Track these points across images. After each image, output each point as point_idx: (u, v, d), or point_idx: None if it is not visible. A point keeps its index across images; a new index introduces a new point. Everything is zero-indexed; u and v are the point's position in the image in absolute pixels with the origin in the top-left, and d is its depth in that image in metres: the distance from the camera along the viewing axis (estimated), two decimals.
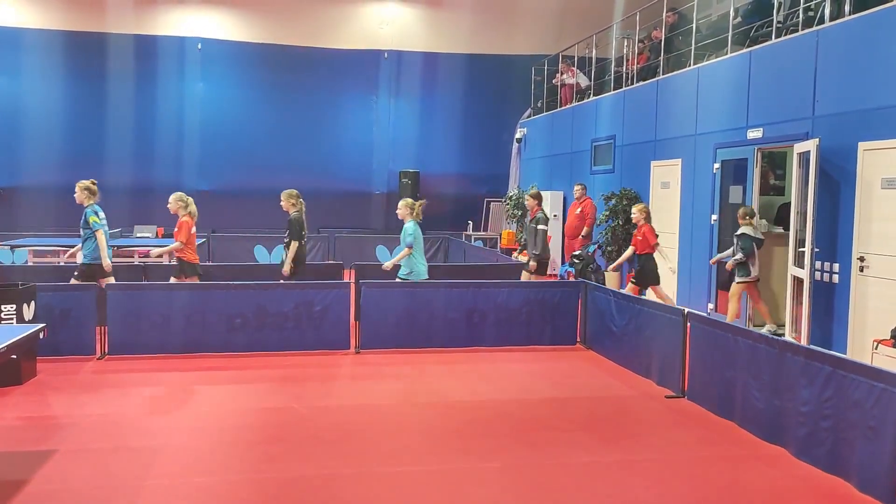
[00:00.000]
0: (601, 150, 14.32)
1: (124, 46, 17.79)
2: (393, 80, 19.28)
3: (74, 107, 17.76)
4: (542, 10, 19.11)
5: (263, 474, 4.93)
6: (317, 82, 18.78)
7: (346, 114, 19.23)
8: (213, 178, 18.24)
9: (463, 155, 19.55)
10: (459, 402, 6.70)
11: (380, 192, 19.28)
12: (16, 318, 6.80)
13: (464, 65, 19.30)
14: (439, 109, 19.46)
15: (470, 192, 19.40)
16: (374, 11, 19.18)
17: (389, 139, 19.37)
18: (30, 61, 17.67)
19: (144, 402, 6.56)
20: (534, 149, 18.24)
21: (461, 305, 8.88)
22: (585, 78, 16.33)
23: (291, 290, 8.61)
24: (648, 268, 9.56)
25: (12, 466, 4.91)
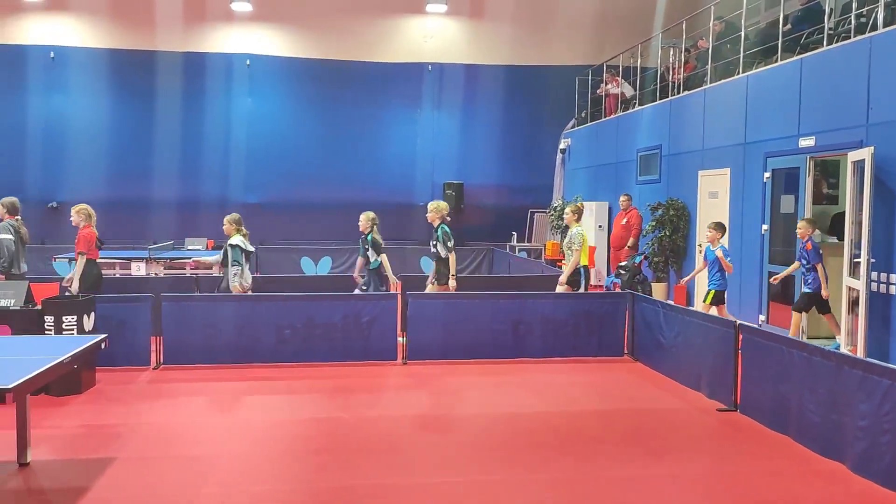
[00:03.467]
0: (647, 159, 14.21)
1: (173, 64, 18.24)
2: (436, 93, 19.42)
3: (125, 123, 18.24)
4: (585, 21, 19.06)
5: (314, 484, 5.00)
6: (361, 95, 19.01)
7: (389, 126, 19.41)
8: (260, 192, 18.57)
9: (506, 166, 19.56)
10: (506, 413, 6.69)
11: (423, 204, 19.29)
12: (76, 329, 7.02)
13: (506, 76, 19.35)
14: (482, 121, 19.52)
15: (513, 203, 19.39)
16: (418, 25, 19.36)
17: (433, 151, 19.49)
18: (82, 79, 18.22)
19: (199, 411, 6.71)
20: (578, 159, 18.17)
21: (507, 317, 8.87)
22: (630, 87, 16.23)
23: (339, 301, 8.72)
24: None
25: (75, 473, 5.07)
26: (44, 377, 4.34)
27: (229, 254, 8.71)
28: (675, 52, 14.13)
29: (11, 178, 17.49)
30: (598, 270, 15.48)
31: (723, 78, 11.88)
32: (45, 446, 5.51)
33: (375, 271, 9.51)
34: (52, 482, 4.95)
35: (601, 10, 18.82)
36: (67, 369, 4.92)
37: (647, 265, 13.03)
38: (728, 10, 12.45)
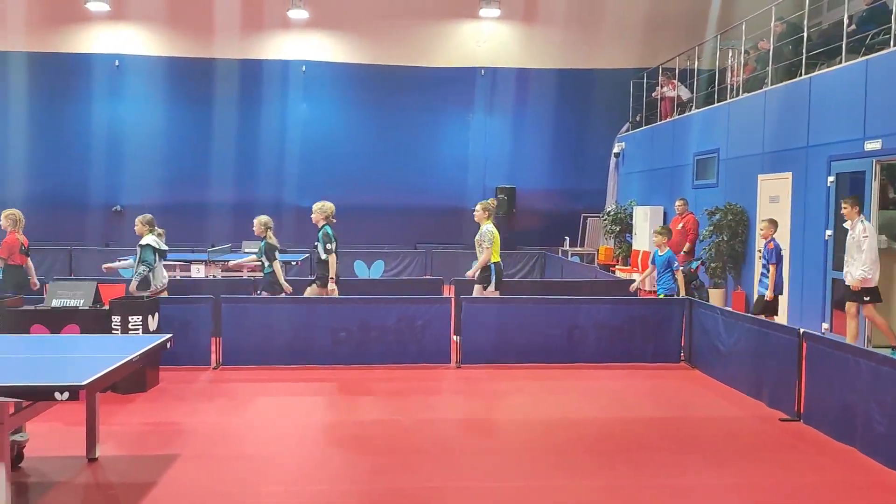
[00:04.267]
0: (704, 163, 13.96)
1: (231, 71, 18.64)
2: (489, 97, 19.42)
3: (184, 129, 18.70)
4: (639, 24, 18.84)
5: (372, 485, 5.05)
6: (414, 100, 19.13)
7: (442, 130, 19.50)
8: (313, 195, 18.61)
9: (559, 170, 19.45)
10: (560, 418, 6.65)
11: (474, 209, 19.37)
12: (142, 329, 7.23)
13: (560, 80, 19.25)
14: (535, 125, 19.45)
15: (566, 207, 19.26)
16: (472, 29, 19.41)
17: (485, 155, 19.50)
18: (145, 87, 18.75)
19: (257, 411, 6.84)
20: (632, 163, 17.96)
21: (561, 321, 8.82)
22: (687, 90, 15.98)
23: (394, 304, 8.79)
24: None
25: (141, 469, 5.22)
26: (113, 375, 4.48)
27: (139, 253, 8.74)
28: (734, 53, 13.86)
29: (77, 183, 18.16)
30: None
31: (784, 80, 11.61)
32: (112, 442, 5.69)
33: (268, 277, 9.38)
34: (119, 477, 5.11)
35: (656, 12, 18.58)
36: (135, 368, 5.07)
37: (703, 271, 12.80)
38: (790, 10, 12.16)
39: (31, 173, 17.95)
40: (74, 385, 3.99)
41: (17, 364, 4.81)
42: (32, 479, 5.02)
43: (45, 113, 18.29)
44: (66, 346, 5.53)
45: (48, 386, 4.01)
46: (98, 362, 4.53)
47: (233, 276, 12.74)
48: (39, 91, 18.21)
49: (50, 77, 18.24)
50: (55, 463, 5.29)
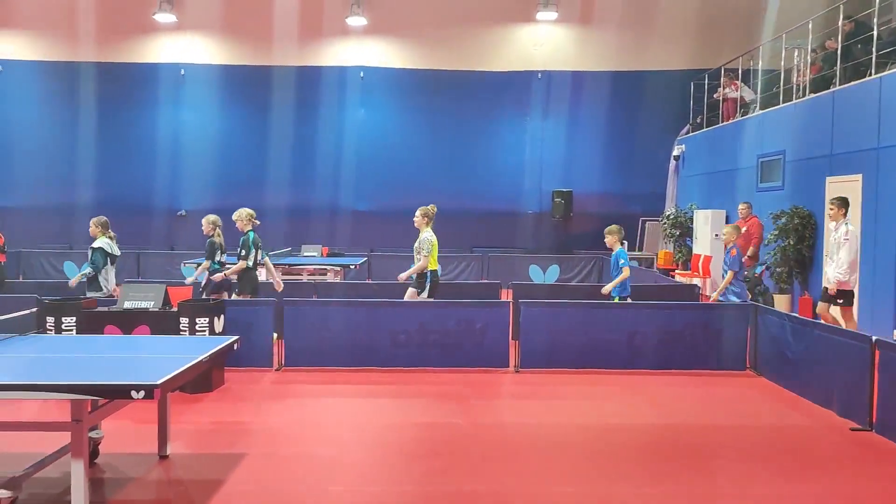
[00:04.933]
0: (768, 166, 13.63)
1: (290, 77, 18.97)
2: (546, 100, 19.33)
3: (245, 135, 19.11)
4: (701, 24, 18.51)
5: (433, 487, 5.08)
6: (471, 104, 19.17)
7: (498, 134, 19.48)
8: (370, 199, 19.05)
9: (617, 173, 19.23)
10: (622, 424, 6.58)
11: (532, 212, 19.33)
12: (208, 330, 7.43)
13: (617, 82, 19.03)
14: (592, 128, 19.27)
15: (624, 211, 18.99)
16: (529, 33, 19.36)
17: (542, 159, 19.41)
18: (208, 94, 19.24)
19: (319, 412, 6.95)
20: (693, 166, 17.64)
21: (620, 326, 8.72)
22: (750, 91, 15.63)
23: (453, 308, 8.83)
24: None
25: (210, 467, 5.36)
26: (185, 375, 4.61)
27: (89, 255, 8.84)
28: (801, 53, 13.50)
29: (143, 188, 18.73)
30: (715, 281, 14.96)
31: (853, 80, 11.26)
32: (182, 440, 5.86)
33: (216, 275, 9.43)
34: (189, 474, 5.25)
35: (716, 12, 18.22)
36: (203, 368, 5.21)
37: (768, 276, 12.49)
38: (859, 8, 11.79)
39: (100, 179, 18.58)
40: (150, 384, 4.12)
41: (93, 363, 4.99)
42: (108, 475, 5.20)
43: (112, 121, 18.93)
44: (138, 347, 5.71)
45: (125, 385, 4.15)
46: (170, 362, 4.67)
47: (294, 279, 12.96)
48: (108, 100, 18.85)
49: (118, 86, 18.87)
50: (129, 459, 5.47)
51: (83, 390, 4.14)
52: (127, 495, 4.88)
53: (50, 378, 4.34)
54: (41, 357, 5.04)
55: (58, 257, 17.04)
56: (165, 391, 4.34)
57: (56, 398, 4.16)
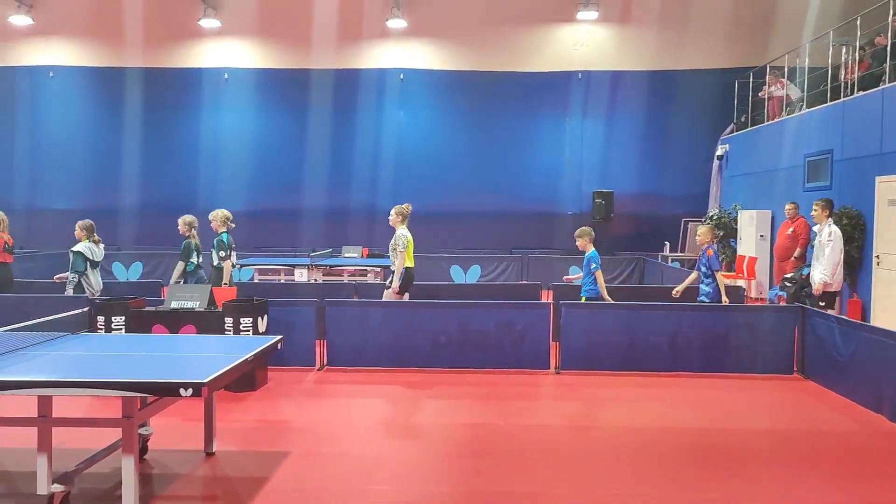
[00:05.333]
0: (815, 165, 13.34)
1: (330, 80, 19.15)
2: (586, 100, 19.19)
3: (287, 137, 19.31)
4: (746, 21, 18.20)
5: (474, 487, 5.09)
6: (511, 105, 19.13)
7: (538, 135, 19.40)
8: (410, 201, 19.01)
9: (658, 174, 19.01)
10: (665, 427, 6.51)
11: (572, 213, 19.20)
12: (252, 330, 7.54)
13: (659, 81, 18.82)
14: (633, 128, 19.08)
15: (666, 211, 18.80)
16: (569, 33, 19.25)
17: (582, 160, 19.28)
18: (249, 98, 19.52)
19: (362, 411, 7.00)
20: (737, 166, 17.35)
21: (663, 328, 8.63)
22: (796, 89, 15.32)
23: (493, 309, 8.83)
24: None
25: (255, 464, 5.45)
26: (231, 374, 4.69)
27: (70, 259, 8.93)
28: (849, 50, 13.19)
29: (186, 190, 19.04)
30: (760, 283, 14.71)
31: None
32: (227, 438, 5.96)
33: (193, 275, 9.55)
34: (235, 471, 5.34)
35: (761, 9, 17.89)
36: (248, 367, 5.30)
37: None
38: None
39: (145, 181, 18.97)
40: (197, 382, 4.21)
41: (142, 362, 5.10)
42: (156, 471, 5.31)
43: (157, 125, 19.32)
44: (184, 346, 5.83)
45: (174, 382, 4.24)
46: (216, 361, 4.75)
47: (335, 279, 13.09)
48: (153, 104, 19.23)
49: (163, 91, 19.25)
50: (176, 456, 5.58)
51: (134, 387, 4.23)
52: (174, 491, 4.99)
53: (101, 375, 4.45)
54: (92, 355, 5.17)
55: (106, 259, 17.37)
56: (212, 389, 4.42)
57: (107, 395, 4.26)
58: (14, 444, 5.55)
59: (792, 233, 12.79)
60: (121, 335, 7.17)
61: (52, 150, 19.36)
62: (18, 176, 19.05)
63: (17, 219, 9.68)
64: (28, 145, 19.30)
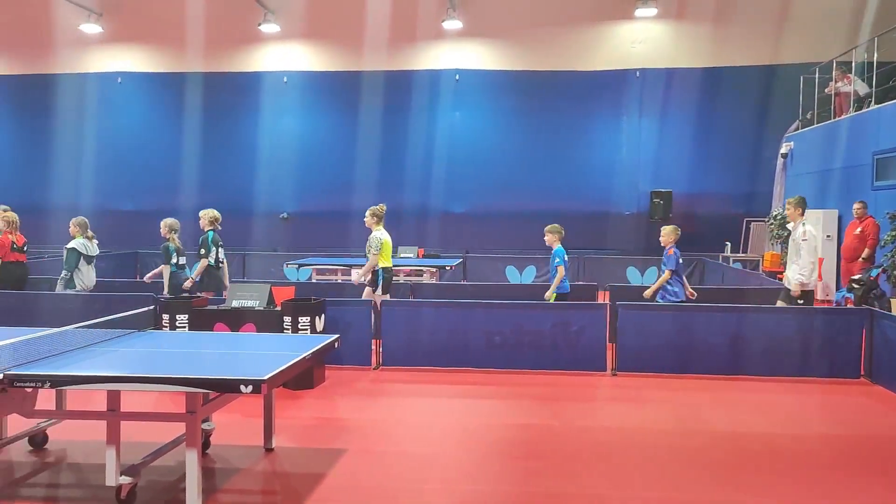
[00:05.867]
0: (885, 163, 12.87)
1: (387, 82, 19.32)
2: (643, 99, 18.92)
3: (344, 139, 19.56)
4: (811, 16, 17.67)
5: (528, 488, 5.08)
6: (566, 105, 18.99)
7: (594, 134, 19.22)
8: (465, 202, 19.17)
9: (719, 173, 18.61)
10: (726, 432, 6.37)
11: (629, 213, 18.96)
12: (310, 329, 7.67)
13: (719, 78, 18.42)
14: (693, 126, 18.72)
15: (727, 211, 18.39)
16: (626, 31, 19.01)
17: (639, 159, 19.02)
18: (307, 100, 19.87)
19: (416, 411, 7.06)
20: (802, 164, 16.86)
21: (724, 330, 8.44)
22: (864, 85, 14.80)
23: (549, 310, 8.78)
24: None
25: (312, 461, 5.55)
26: (289, 372, 4.79)
27: (64, 256, 9.12)
28: None
29: (247, 191, 19.51)
30: (827, 284, 14.25)
31: None
32: (285, 434, 6.08)
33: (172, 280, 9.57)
34: (293, 467, 5.45)
35: (827, 2, 17.36)
36: (306, 366, 5.39)
37: (884, 279, 11.78)
38: None
39: (206, 183, 19.41)
40: (257, 379, 4.31)
41: (204, 358, 5.25)
42: (218, 465, 5.45)
43: (218, 128, 19.82)
44: (244, 344, 5.96)
45: (234, 379, 4.35)
46: (275, 359, 4.85)
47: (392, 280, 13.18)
48: (213, 108, 19.74)
49: (223, 94, 19.75)
50: (237, 451, 5.72)
51: (196, 384, 4.36)
52: (235, 485, 5.11)
53: (166, 372, 4.59)
54: (157, 352, 5.34)
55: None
56: (271, 386, 4.52)
57: (171, 390, 4.40)
58: (84, 436, 5.77)
59: (860, 233, 12.40)
60: (184, 333, 7.39)
61: (119, 154, 20.05)
62: (87, 178, 19.78)
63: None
64: (97, 149, 20.03)
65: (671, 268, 8.91)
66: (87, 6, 19.45)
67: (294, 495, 4.90)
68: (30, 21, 19.86)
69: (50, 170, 19.83)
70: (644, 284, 15.80)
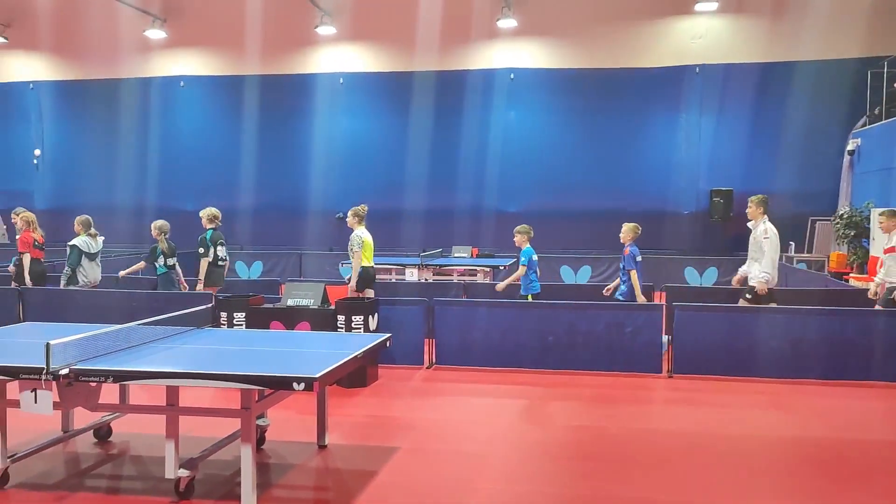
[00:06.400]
0: None
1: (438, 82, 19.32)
2: (703, 95, 18.49)
3: (397, 139, 19.60)
4: (878, 7, 17.01)
5: (579, 490, 5.03)
6: (623, 102, 18.69)
7: (652, 132, 18.88)
8: (520, 201, 19.05)
9: (782, 171, 18.02)
10: (787, 437, 6.19)
11: (688, 212, 18.58)
12: (363, 328, 7.75)
13: (783, 73, 17.87)
14: (755, 123, 18.21)
15: (790, 210, 17.77)
16: (686, 26, 18.62)
17: (699, 157, 18.59)
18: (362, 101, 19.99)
19: (469, 410, 7.07)
20: (870, 161, 16.25)
21: (786, 333, 8.21)
22: None
23: (603, 310, 8.69)
24: None
25: (365, 458, 5.60)
26: (341, 370, 4.85)
27: (68, 253, 9.59)
28: None
29: (303, 191, 19.80)
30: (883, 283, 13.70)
31: None
32: (338, 432, 6.15)
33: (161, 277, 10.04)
34: (345, 464, 5.52)
35: None
36: (358, 364, 5.46)
37: None
38: None
39: (264, 184, 19.77)
40: (309, 377, 4.37)
41: (259, 356, 5.35)
42: (272, 461, 5.56)
43: (274, 129, 20.13)
44: (299, 342, 6.06)
45: (288, 377, 4.42)
46: (328, 357, 4.92)
47: (444, 279, 13.24)
48: (270, 109, 20.06)
49: (280, 96, 20.06)
50: (291, 447, 5.82)
51: (251, 380, 4.44)
52: (289, 481, 5.20)
53: (223, 368, 4.70)
54: (215, 349, 5.47)
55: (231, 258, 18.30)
56: (323, 384, 4.58)
57: (227, 387, 4.50)
58: (145, 430, 5.95)
59: None
60: (241, 330, 7.55)
61: (181, 155, 20.58)
62: (151, 179, 20.38)
63: (149, 219, 10.47)
64: (160, 151, 20.61)
65: (633, 267, 9.06)
66: (151, 12, 20.04)
67: (346, 492, 4.96)
68: (97, 29, 20.51)
69: (116, 172, 20.49)
70: (703, 285, 15.58)
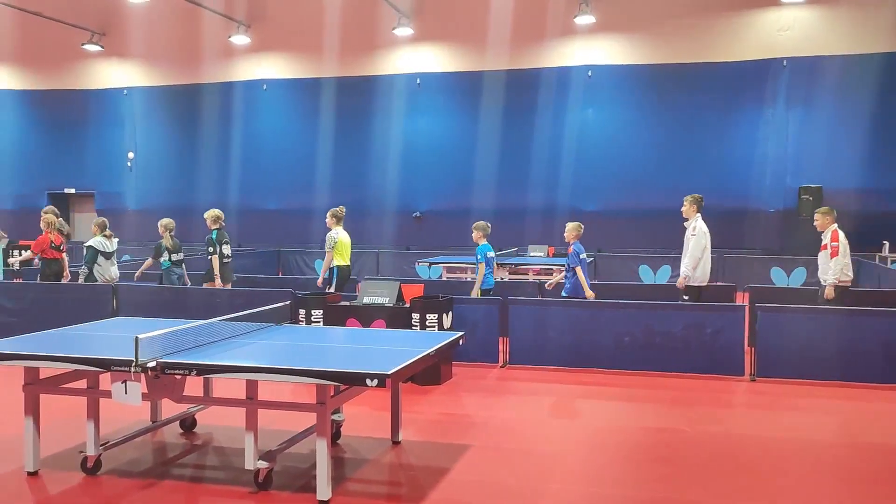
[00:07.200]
0: None
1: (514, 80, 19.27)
2: (791, 89, 17.80)
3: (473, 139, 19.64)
4: None
5: (655, 493, 4.94)
6: (705, 98, 18.20)
7: (736, 128, 18.29)
8: (597, 199, 18.79)
9: (876, 167, 17.19)
10: (877, 444, 5.92)
11: (774, 210, 17.93)
12: (437, 326, 7.81)
13: (876, 65, 17.02)
14: (847, 117, 17.41)
15: (885, 208, 16.97)
16: (772, 18, 17.97)
17: (786, 153, 17.92)
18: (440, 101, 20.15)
19: (543, 409, 7.03)
20: None
21: (877, 336, 7.84)
22: None
23: (681, 311, 8.49)
24: None
25: (437, 455, 5.65)
26: (413, 367, 4.90)
27: (84, 253, 10.14)
28: None
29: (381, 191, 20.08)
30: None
31: None
32: (412, 428, 6.22)
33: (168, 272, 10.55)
34: (418, 460, 5.58)
35: None
36: (431, 362, 5.50)
37: None
38: None
39: (342, 183, 20.07)
40: (382, 373, 4.44)
41: (335, 352, 5.47)
42: (347, 455, 5.67)
43: (352, 130, 20.51)
44: (374, 339, 6.15)
45: (361, 373, 4.51)
46: (401, 354, 4.98)
47: (519, 278, 13.19)
48: (348, 110, 20.46)
49: (358, 97, 20.40)
50: (365, 442, 5.92)
51: (326, 376, 4.55)
52: (363, 475, 5.29)
53: (299, 364, 4.82)
54: (293, 345, 5.61)
55: (310, 256, 18.77)
56: (396, 381, 4.65)
57: (304, 382, 4.62)
58: (226, 422, 6.16)
59: None
60: (318, 327, 7.72)
61: (263, 156, 21.21)
62: (234, 180, 21.09)
63: (232, 219, 11.09)
64: (242, 152, 21.31)
65: (575, 264, 9.09)
66: (236, 18, 20.71)
67: (418, 488, 5.01)
68: (185, 35, 21.36)
69: (201, 173, 21.31)
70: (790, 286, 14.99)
